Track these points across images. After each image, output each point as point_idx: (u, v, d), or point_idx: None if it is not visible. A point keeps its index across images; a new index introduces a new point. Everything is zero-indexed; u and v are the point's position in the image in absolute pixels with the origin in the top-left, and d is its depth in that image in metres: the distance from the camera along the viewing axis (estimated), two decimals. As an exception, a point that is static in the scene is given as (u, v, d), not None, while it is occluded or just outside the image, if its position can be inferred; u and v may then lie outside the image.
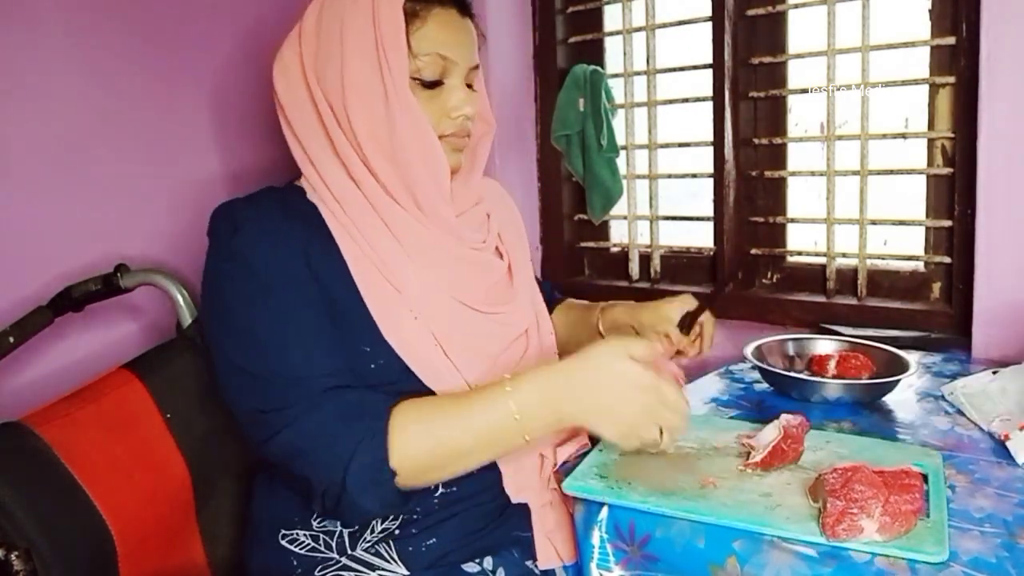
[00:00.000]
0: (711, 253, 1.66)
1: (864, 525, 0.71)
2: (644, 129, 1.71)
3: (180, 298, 1.22)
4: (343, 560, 0.94)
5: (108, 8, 1.30)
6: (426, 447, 0.86)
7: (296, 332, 0.89)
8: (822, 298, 1.52)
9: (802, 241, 1.59)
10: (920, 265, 1.44)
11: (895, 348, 1.15)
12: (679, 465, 0.89)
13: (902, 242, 1.47)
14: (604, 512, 0.84)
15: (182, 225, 1.41)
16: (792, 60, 1.51)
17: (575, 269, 1.88)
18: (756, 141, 1.57)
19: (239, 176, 1.50)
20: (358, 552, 0.93)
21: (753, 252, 1.61)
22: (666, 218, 1.73)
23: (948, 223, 1.36)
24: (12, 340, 1.12)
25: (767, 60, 1.53)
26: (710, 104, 1.58)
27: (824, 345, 1.22)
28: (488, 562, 0.95)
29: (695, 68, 1.60)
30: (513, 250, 1.11)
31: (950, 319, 1.36)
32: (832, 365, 1.16)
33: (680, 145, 1.68)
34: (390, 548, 0.93)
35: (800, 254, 1.58)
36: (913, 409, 1.06)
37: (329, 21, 0.94)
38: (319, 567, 0.94)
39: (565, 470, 0.91)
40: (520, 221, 1.20)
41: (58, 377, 1.23)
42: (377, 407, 0.87)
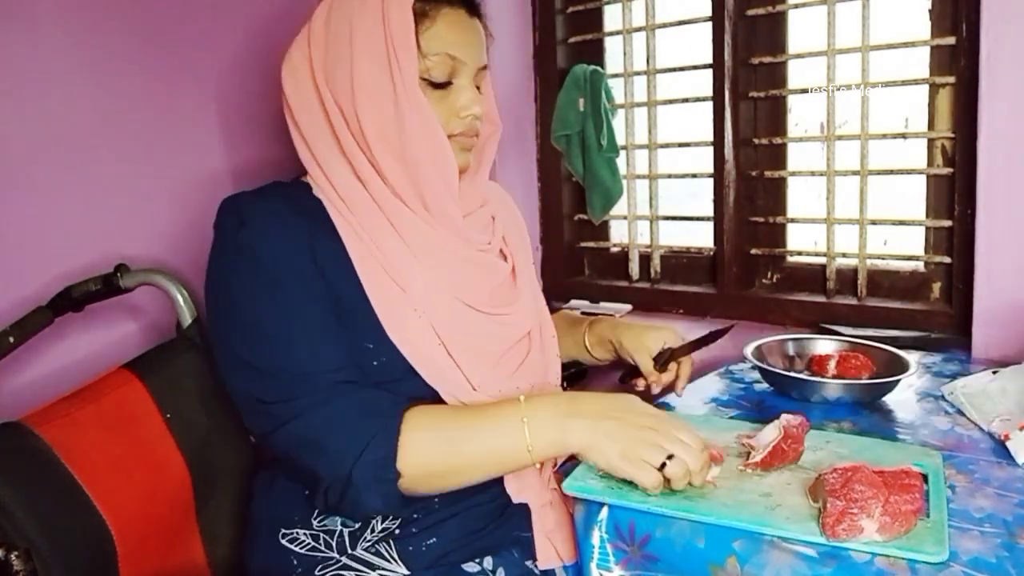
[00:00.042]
0: (711, 253, 1.66)
1: (864, 525, 0.71)
2: (644, 129, 1.71)
3: (180, 298, 1.22)
4: (343, 559, 0.94)
5: (108, 8, 1.30)
6: (434, 453, 0.87)
7: (303, 327, 0.89)
8: (822, 298, 1.52)
9: (802, 241, 1.59)
10: (920, 265, 1.44)
11: (895, 348, 1.15)
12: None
13: (902, 242, 1.47)
14: (604, 512, 0.84)
15: (182, 225, 1.41)
16: (792, 60, 1.51)
17: (575, 269, 1.88)
18: (756, 141, 1.57)
19: (240, 176, 1.50)
20: (358, 551, 0.93)
21: (753, 252, 1.61)
22: (666, 218, 1.73)
23: (948, 223, 1.36)
24: (12, 340, 1.12)
25: (767, 60, 1.53)
26: (710, 104, 1.58)
27: (824, 345, 1.22)
28: (488, 562, 0.95)
29: (695, 68, 1.60)
30: (516, 252, 1.11)
31: (950, 319, 1.36)
32: (832, 365, 1.16)
33: (680, 145, 1.68)
34: (390, 547, 0.93)
35: (800, 254, 1.58)
36: (913, 409, 1.06)
37: (338, 22, 0.93)
38: (319, 566, 0.94)
39: (565, 470, 0.91)
40: (523, 224, 1.20)
41: (58, 377, 1.23)
42: (391, 407, 0.88)
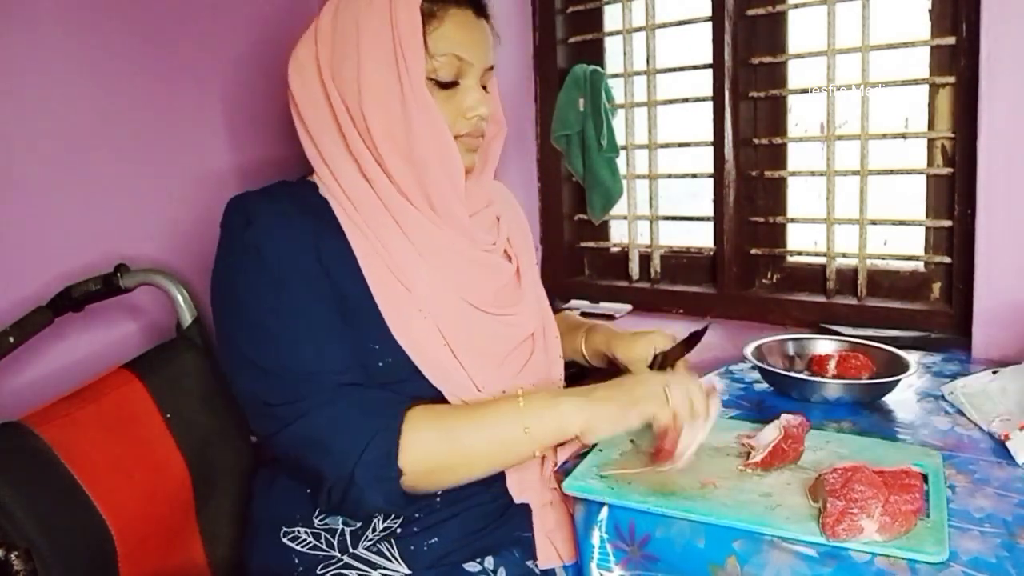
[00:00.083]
0: (711, 253, 1.66)
1: (864, 525, 0.71)
2: (644, 129, 1.71)
3: (180, 298, 1.22)
4: (344, 558, 0.93)
5: (108, 8, 1.30)
6: (435, 450, 0.87)
7: (308, 327, 0.89)
8: (822, 298, 1.52)
9: (802, 241, 1.59)
10: (920, 265, 1.44)
11: (895, 348, 1.15)
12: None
13: (902, 242, 1.47)
14: (604, 512, 0.84)
15: (182, 225, 1.41)
16: (792, 60, 1.51)
17: (575, 269, 1.88)
18: (756, 141, 1.57)
19: (242, 175, 1.50)
20: (360, 551, 0.93)
21: (753, 252, 1.61)
22: (666, 218, 1.73)
23: (948, 223, 1.36)
24: (12, 340, 1.12)
25: (767, 60, 1.53)
26: (710, 104, 1.58)
27: (824, 345, 1.22)
28: (489, 562, 0.95)
29: (695, 68, 1.60)
30: (520, 253, 1.11)
31: (950, 319, 1.36)
32: (832, 365, 1.16)
33: (680, 145, 1.68)
34: (392, 547, 0.93)
35: (800, 254, 1.58)
36: (913, 409, 1.06)
37: (345, 21, 0.93)
38: (320, 565, 0.94)
39: (565, 470, 0.92)
40: (526, 224, 1.20)
41: (58, 377, 1.23)
42: (393, 406, 0.88)
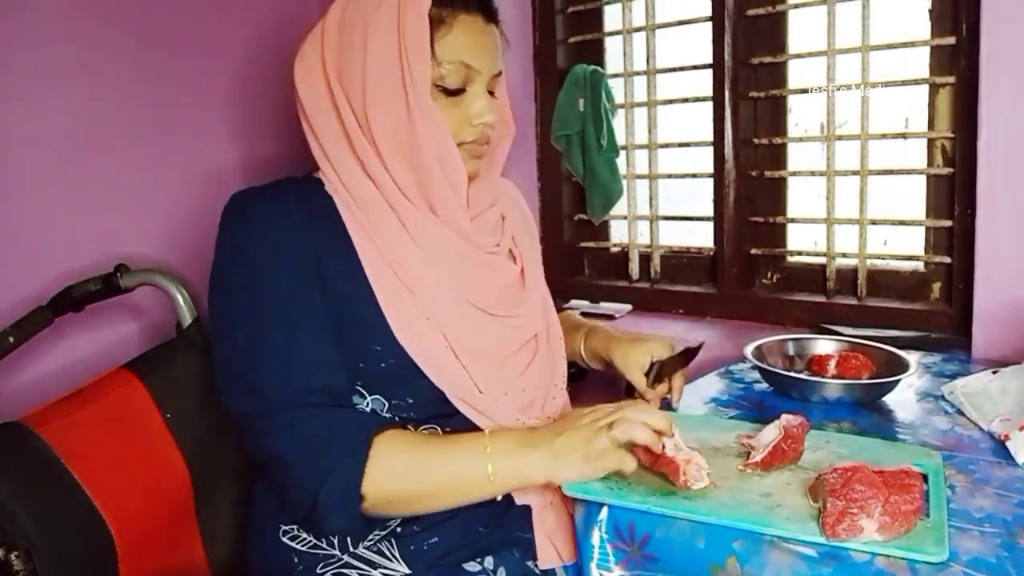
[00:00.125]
0: (711, 253, 1.66)
1: (864, 525, 0.71)
2: (644, 129, 1.71)
3: (180, 298, 1.22)
4: (345, 557, 0.93)
5: (108, 9, 1.30)
6: (398, 480, 0.87)
7: (286, 342, 0.88)
8: (822, 298, 1.52)
9: (802, 241, 1.59)
10: (920, 265, 1.44)
11: (895, 348, 1.15)
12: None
13: (902, 242, 1.47)
14: (604, 512, 0.84)
15: (182, 225, 1.41)
16: (792, 60, 1.51)
17: (575, 269, 1.88)
18: (756, 141, 1.57)
19: (242, 175, 1.50)
20: (360, 550, 0.93)
21: (753, 252, 1.61)
22: (666, 218, 1.73)
23: (948, 223, 1.36)
24: (12, 340, 1.12)
25: (767, 60, 1.53)
26: (710, 104, 1.58)
27: (824, 345, 1.22)
28: (489, 561, 0.95)
29: (695, 68, 1.60)
30: (525, 251, 1.11)
31: (950, 319, 1.36)
32: (832, 365, 1.16)
33: (680, 145, 1.68)
34: (392, 546, 0.93)
35: (800, 254, 1.58)
36: (913, 409, 1.06)
37: (352, 21, 0.92)
38: (320, 564, 0.94)
39: None
40: (532, 223, 1.20)
41: (58, 377, 1.23)
42: (360, 431, 0.88)
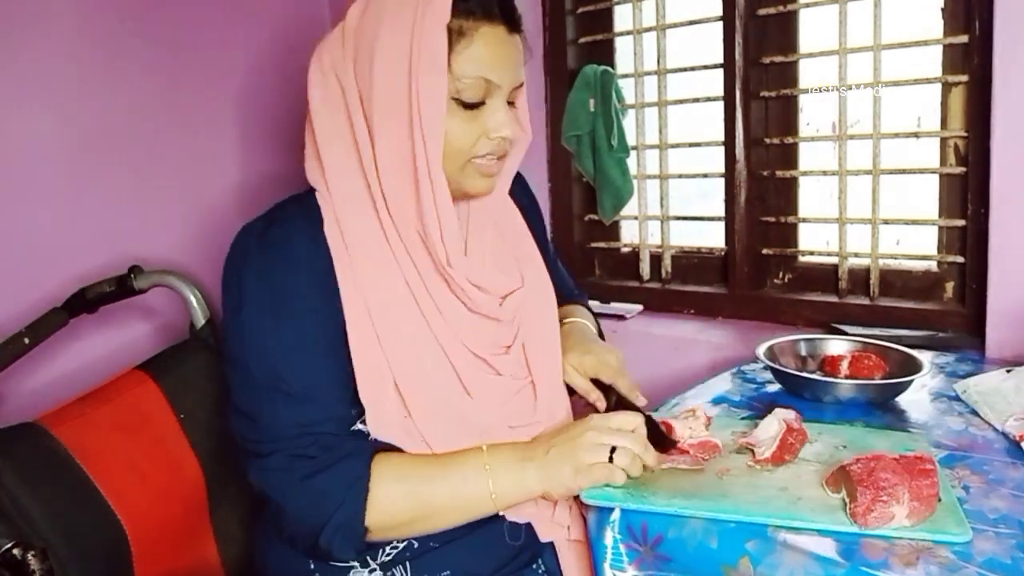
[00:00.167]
0: (722, 253, 1.66)
1: (895, 512, 0.73)
2: (655, 129, 1.70)
3: (193, 299, 1.23)
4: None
5: (123, 14, 1.31)
6: (400, 507, 0.87)
7: (280, 385, 0.87)
8: (834, 298, 1.51)
9: (814, 241, 1.59)
10: (933, 265, 1.43)
11: (908, 348, 1.15)
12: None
13: (915, 242, 1.46)
14: (617, 513, 0.84)
15: (195, 227, 1.41)
16: (803, 59, 1.51)
17: (586, 270, 1.88)
18: (767, 141, 1.57)
19: (254, 180, 1.51)
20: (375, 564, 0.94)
21: (765, 252, 1.61)
22: (677, 218, 1.72)
23: (961, 222, 1.35)
24: (27, 341, 1.13)
25: (778, 59, 1.52)
26: (721, 104, 1.57)
27: (836, 345, 1.21)
28: None
29: (706, 68, 1.60)
30: (529, 263, 1.07)
31: (963, 319, 1.35)
32: (845, 365, 1.15)
33: (691, 145, 1.68)
34: (406, 571, 0.94)
35: (812, 254, 1.58)
36: (926, 409, 1.06)
37: (368, 26, 0.88)
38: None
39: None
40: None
41: (73, 378, 1.24)
42: (355, 469, 0.87)
